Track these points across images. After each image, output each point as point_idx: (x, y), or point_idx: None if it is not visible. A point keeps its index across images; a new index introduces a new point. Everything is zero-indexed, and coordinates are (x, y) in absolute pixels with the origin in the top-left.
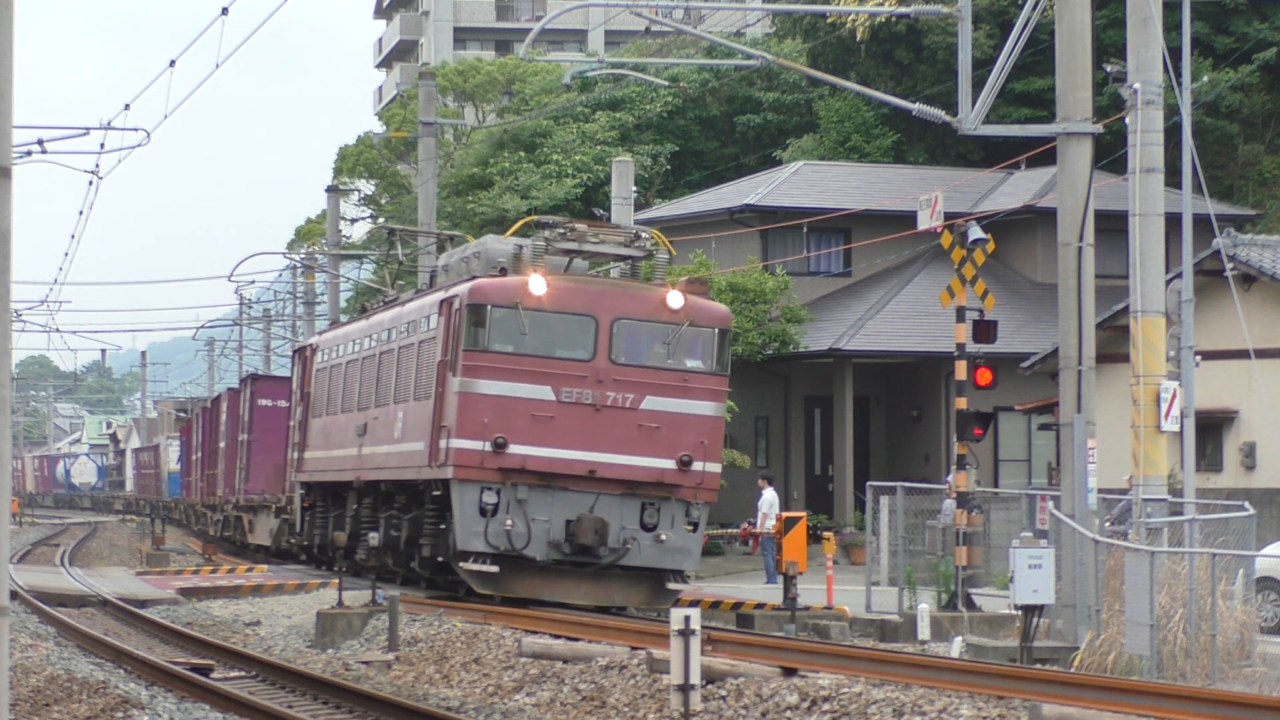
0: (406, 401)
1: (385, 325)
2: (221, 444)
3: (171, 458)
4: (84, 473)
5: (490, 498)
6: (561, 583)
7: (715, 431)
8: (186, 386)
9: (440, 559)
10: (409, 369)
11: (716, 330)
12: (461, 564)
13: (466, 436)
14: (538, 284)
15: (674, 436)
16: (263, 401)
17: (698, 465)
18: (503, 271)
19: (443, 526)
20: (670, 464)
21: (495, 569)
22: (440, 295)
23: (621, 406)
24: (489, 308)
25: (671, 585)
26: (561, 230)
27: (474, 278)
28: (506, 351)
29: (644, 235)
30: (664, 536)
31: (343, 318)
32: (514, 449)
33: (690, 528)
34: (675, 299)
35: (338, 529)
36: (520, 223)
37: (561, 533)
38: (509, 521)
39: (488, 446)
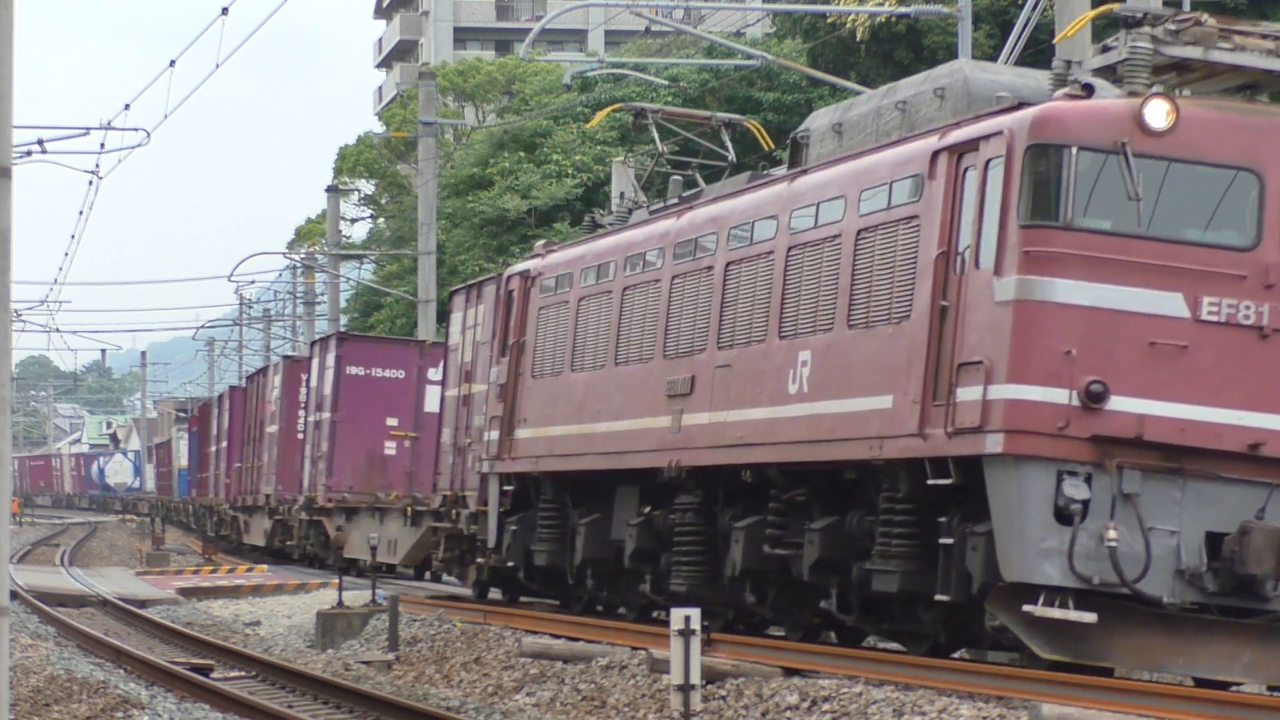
0: (825, 331)
1: (727, 221)
2: (271, 428)
3: (182, 453)
4: (119, 472)
5: (1076, 490)
6: (1205, 644)
7: None
8: (186, 386)
9: (942, 597)
10: (824, 278)
11: None
12: (1026, 608)
13: (1031, 379)
14: (1158, 112)
15: None
16: (353, 370)
17: None
18: (1086, 90)
19: (946, 541)
20: None
21: (1091, 617)
22: (930, 144)
23: None
24: (1072, 152)
25: None
26: (1173, 26)
27: (1021, 104)
28: (1102, 230)
29: None
30: None
31: (548, 241)
32: (1118, 403)
33: None
34: None
35: (596, 543)
36: (1090, 15)
37: (1200, 556)
38: (1111, 532)
39: (1074, 398)
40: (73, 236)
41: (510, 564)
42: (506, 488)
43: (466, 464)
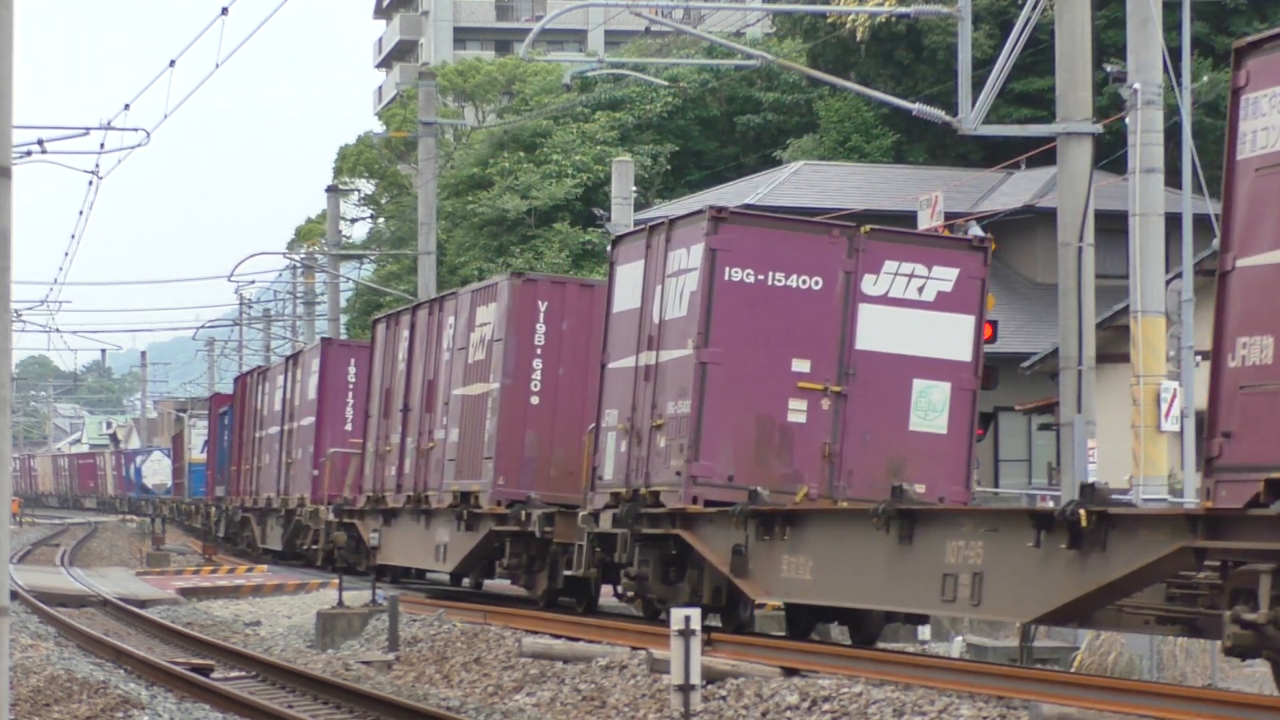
0: None
1: None
2: (468, 389)
3: (196, 445)
4: (157, 472)
5: None
6: None
7: None
8: (186, 386)
9: None
10: None
11: None
12: None
13: None
14: None
15: None
16: (737, 274)
17: None
18: None
19: None
20: None
21: None
22: None
23: None
24: None
25: None
26: None
27: None
28: None
29: None
30: None
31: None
32: None
33: None
34: None
35: None
36: None
37: None
38: None
39: None
40: (73, 236)
41: None
42: None
43: None
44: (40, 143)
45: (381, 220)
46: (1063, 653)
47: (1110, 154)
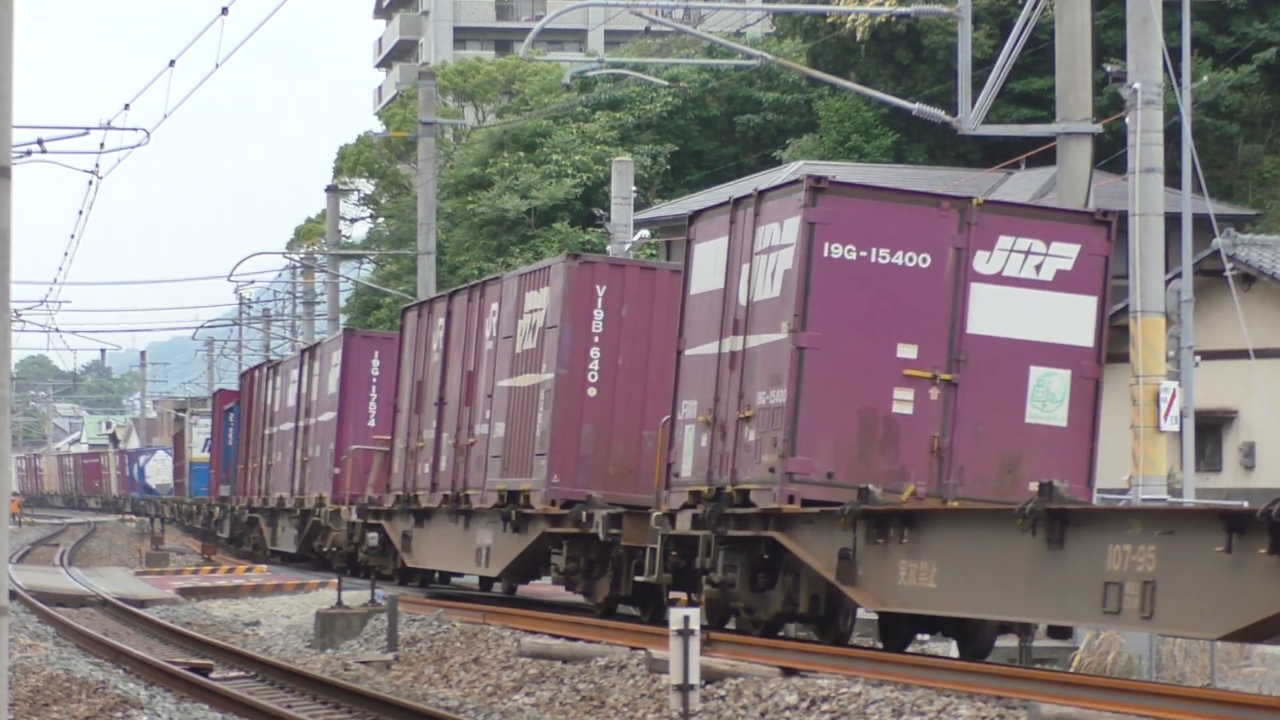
0: None
1: None
2: (518, 380)
3: (197, 443)
4: (160, 472)
5: None
6: None
7: None
8: (186, 386)
9: None
10: None
11: None
12: None
13: None
14: None
15: None
16: (838, 250)
17: None
18: None
19: None
20: None
21: None
22: None
23: None
24: None
25: None
26: None
27: None
28: None
29: None
30: None
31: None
32: None
33: None
34: None
35: None
36: None
37: None
38: None
39: None
40: (72, 236)
41: None
42: None
43: None
44: (40, 142)
45: (381, 220)
46: (1062, 653)
47: (1110, 154)
